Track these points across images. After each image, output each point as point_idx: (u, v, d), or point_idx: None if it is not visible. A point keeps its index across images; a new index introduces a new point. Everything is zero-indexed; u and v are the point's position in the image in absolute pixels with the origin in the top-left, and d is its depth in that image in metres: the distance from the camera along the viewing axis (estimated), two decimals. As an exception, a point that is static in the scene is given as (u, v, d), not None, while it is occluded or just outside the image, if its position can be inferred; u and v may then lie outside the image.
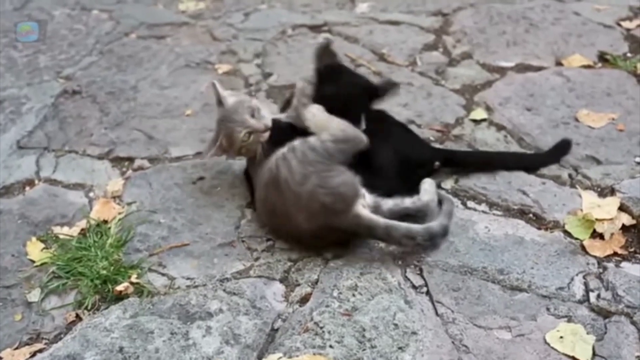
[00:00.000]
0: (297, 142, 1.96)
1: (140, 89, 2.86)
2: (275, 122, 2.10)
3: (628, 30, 3.06)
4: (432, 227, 1.92)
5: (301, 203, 1.88)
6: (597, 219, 1.97)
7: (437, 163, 2.20)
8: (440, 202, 2.07)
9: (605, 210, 2.00)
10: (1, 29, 3.37)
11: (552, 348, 1.66)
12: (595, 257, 1.92)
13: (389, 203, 1.98)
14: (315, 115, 2.05)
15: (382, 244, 1.98)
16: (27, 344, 1.78)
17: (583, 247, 1.94)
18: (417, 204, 2.02)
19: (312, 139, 1.96)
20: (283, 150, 1.97)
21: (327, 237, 1.94)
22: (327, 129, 1.99)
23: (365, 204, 1.92)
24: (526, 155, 2.33)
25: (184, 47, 3.18)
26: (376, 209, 1.94)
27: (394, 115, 2.30)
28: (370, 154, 2.01)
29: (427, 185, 2.09)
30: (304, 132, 2.03)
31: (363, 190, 1.93)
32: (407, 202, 2.01)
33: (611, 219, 1.98)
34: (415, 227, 1.90)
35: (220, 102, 2.13)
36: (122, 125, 2.63)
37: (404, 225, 1.90)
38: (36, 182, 2.36)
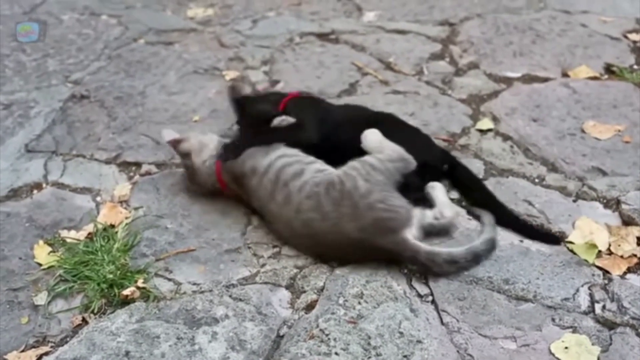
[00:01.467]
0: (356, 162, 2.00)
1: (148, 95, 2.87)
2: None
3: (634, 42, 3.08)
4: (475, 247, 1.93)
5: (357, 212, 1.89)
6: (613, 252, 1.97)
7: (445, 166, 2.20)
8: (477, 216, 2.09)
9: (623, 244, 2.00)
10: (10, 33, 3.39)
11: (557, 358, 1.66)
12: (600, 268, 1.92)
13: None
14: (371, 138, 2.10)
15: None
16: (34, 347, 1.79)
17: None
18: (442, 221, 2.03)
19: (371, 159, 2.00)
20: (343, 168, 2.00)
21: (368, 253, 1.93)
22: (382, 151, 2.04)
23: (414, 235, 1.93)
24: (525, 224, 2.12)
25: (192, 53, 3.20)
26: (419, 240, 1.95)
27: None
28: None
29: (441, 195, 2.10)
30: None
31: (415, 221, 1.95)
32: (429, 217, 2.02)
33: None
34: (457, 251, 1.92)
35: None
36: (130, 130, 2.64)
37: (445, 251, 1.92)
38: (44, 185, 2.37)
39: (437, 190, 2.12)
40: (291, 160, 2.06)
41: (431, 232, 2.01)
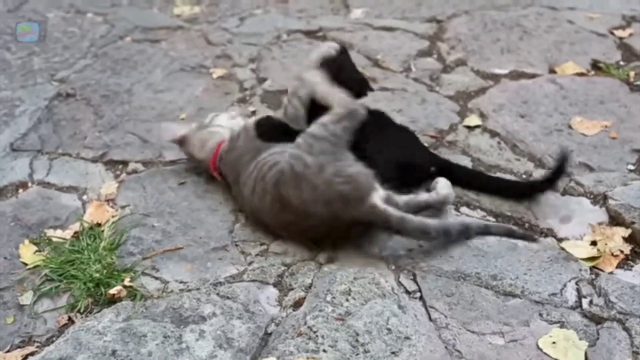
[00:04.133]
0: (299, 138, 1.97)
1: (134, 93, 2.86)
2: (267, 119, 2.14)
3: (621, 38, 3.08)
4: (448, 224, 1.96)
5: (318, 193, 1.88)
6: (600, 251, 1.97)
7: (432, 168, 2.20)
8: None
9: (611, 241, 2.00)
10: (-5, 31, 3.37)
11: (545, 353, 1.66)
12: (592, 267, 1.92)
13: (403, 198, 2.00)
14: (318, 83, 2.07)
15: (376, 249, 1.98)
16: (19, 347, 1.78)
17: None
18: (435, 197, 2.06)
19: (312, 129, 1.97)
20: (288, 149, 1.97)
21: (342, 228, 1.95)
22: (329, 101, 2.02)
23: (380, 196, 1.92)
24: (522, 184, 2.26)
25: (178, 51, 3.18)
26: (389, 202, 1.94)
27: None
28: (367, 155, 2.02)
29: (443, 182, 2.12)
30: (294, 131, 2.04)
31: (377, 183, 1.94)
32: (424, 196, 2.06)
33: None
34: (429, 221, 1.94)
35: None
36: (117, 128, 2.63)
37: (417, 218, 1.92)
38: (30, 184, 2.36)
39: (441, 181, 2.14)
40: (276, 150, 2.04)
41: (423, 208, 2.04)
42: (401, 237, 1.98)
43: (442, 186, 2.10)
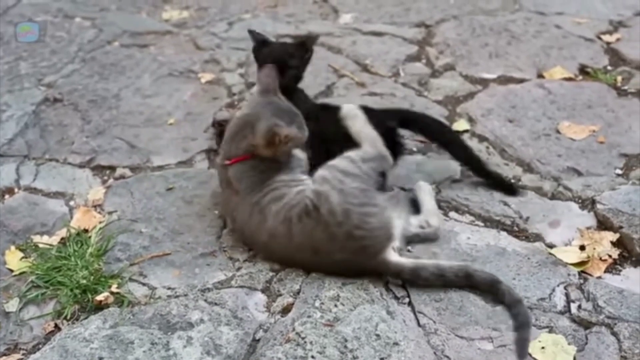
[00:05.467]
0: (326, 170, 1.89)
1: (122, 97, 2.84)
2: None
3: (608, 43, 3.10)
4: (469, 267, 1.86)
5: (336, 241, 1.82)
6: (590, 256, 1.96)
7: (391, 123, 2.18)
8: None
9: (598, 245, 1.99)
10: (-18, 36, 3.35)
11: (534, 358, 1.66)
12: (581, 272, 1.92)
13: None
14: (353, 122, 2.06)
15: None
16: (5, 355, 1.76)
17: (564, 258, 1.96)
18: (427, 230, 2.01)
19: (342, 163, 1.90)
20: (311, 183, 1.91)
21: (352, 270, 1.88)
22: (360, 141, 2.00)
23: (395, 247, 1.87)
24: (483, 165, 2.27)
25: (167, 56, 3.17)
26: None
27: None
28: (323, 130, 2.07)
29: (428, 200, 2.09)
30: None
31: (397, 232, 1.90)
32: (414, 226, 2.00)
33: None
34: (445, 263, 1.88)
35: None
36: (104, 133, 2.62)
37: (430, 263, 1.87)
38: (16, 190, 2.34)
39: (425, 193, 2.11)
40: (279, 185, 1.95)
41: (414, 241, 2.00)
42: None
43: (430, 214, 2.05)
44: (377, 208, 1.86)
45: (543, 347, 1.68)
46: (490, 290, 1.82)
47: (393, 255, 1.86)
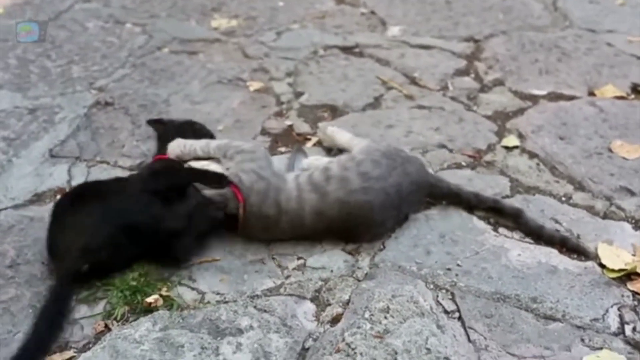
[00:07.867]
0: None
1: (172, 103, 2.87)
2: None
3: (661, 63, 3.06)
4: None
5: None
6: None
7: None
8: None
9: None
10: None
11: (590, 377, 1.64)
12: (629, 289, 1.90)
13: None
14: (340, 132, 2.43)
15: (414, 267, 1.97)
16: (56, 352, 1.78)
17: (619, 279, 1.93)
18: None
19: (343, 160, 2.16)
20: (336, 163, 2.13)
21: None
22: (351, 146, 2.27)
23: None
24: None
25: (216, 64, 3.20)
26: None
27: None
28: None
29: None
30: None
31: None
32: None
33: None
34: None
35: None
36: (154, 138, 2.64)
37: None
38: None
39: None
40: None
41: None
42: (439, 256, 1.97)
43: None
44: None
45: (599, 362, 1.66)
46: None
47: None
